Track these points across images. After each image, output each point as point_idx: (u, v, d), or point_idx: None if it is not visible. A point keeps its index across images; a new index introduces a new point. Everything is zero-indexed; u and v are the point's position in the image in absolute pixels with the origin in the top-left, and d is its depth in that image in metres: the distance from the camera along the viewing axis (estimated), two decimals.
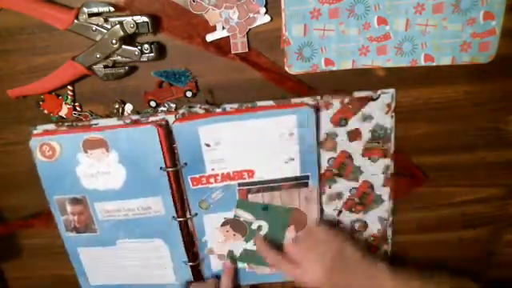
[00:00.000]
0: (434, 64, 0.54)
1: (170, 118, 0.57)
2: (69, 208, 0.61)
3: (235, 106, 0.57)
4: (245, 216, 0.62)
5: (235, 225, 0.63)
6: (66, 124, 0.58)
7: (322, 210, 0.63)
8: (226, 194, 0.60)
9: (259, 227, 0.63)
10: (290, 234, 0.63)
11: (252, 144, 0.57)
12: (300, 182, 0.60)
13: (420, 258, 0.68)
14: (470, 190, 0.63)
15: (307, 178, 0.59)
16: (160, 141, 0.56)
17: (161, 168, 0.58)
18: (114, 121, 0.58)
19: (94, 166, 0.58)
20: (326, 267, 0.56)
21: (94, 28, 0.51)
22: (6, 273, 0.71)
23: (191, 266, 0.65)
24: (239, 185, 0.60)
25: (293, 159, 0.58)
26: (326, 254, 0.57)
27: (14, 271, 0.71)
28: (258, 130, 0.56)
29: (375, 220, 0.64)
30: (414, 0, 0.51)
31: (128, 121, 0.58)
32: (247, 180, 0.59)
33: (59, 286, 0.71)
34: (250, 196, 0.61)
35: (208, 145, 0.57)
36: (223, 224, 0.63)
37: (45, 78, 0.55)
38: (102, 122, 0.58)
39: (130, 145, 0.57)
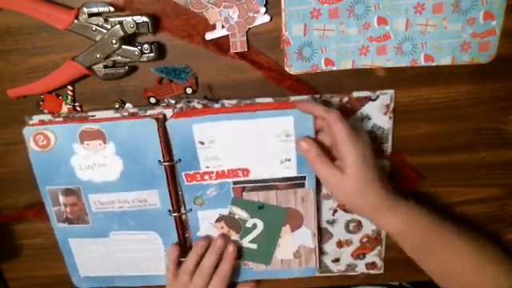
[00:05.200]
0: (434, 64, 0.54)
1: (168, 112, 0.57)
2: (61, 199, 0.61)
3: (234, 102, 0.57)
4: (240, 213, 0.62)
5: (230, 221, 0.62)
6: (63, 115, 0.58)
7: (317, 210, 0.63)
8: (221, 192, 0.60)
9: (254, 225, 0.62)
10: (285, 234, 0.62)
11: (247, 143, 0.57)
12: (296, 182, 0.59)
13: None
14: (469, 190, 0.63)
15: (304, 178, 0.59)
16: (158, 134, 0.56)
17: (158, 161, 0.58)
18: (111, 113, 0.58)
19: (89, 158, 0.58)
20: (362, 184, 0.50)
21: (93, 28, 0.51)
22: (6, 273, 0.71)
23: None
24: (234, 183, 0.60)
25: (289, 160, 0.58)
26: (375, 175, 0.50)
27: (13, 271, 0.71)
28: (253, 130, 0.56)
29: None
30: (414, 0, 0.51)
31: (126, 113, 0.58)
32: (242, 178, 0.59)
33: (59, 285, 0.71)
34: (244, 194, 0.60)
35: (202, 142, 0.57)
36: (218, 220, 0.62)
37: (45, 78, 0.55)
38: (100, 114, 0.58)
39: (127, 137, 0.56)
